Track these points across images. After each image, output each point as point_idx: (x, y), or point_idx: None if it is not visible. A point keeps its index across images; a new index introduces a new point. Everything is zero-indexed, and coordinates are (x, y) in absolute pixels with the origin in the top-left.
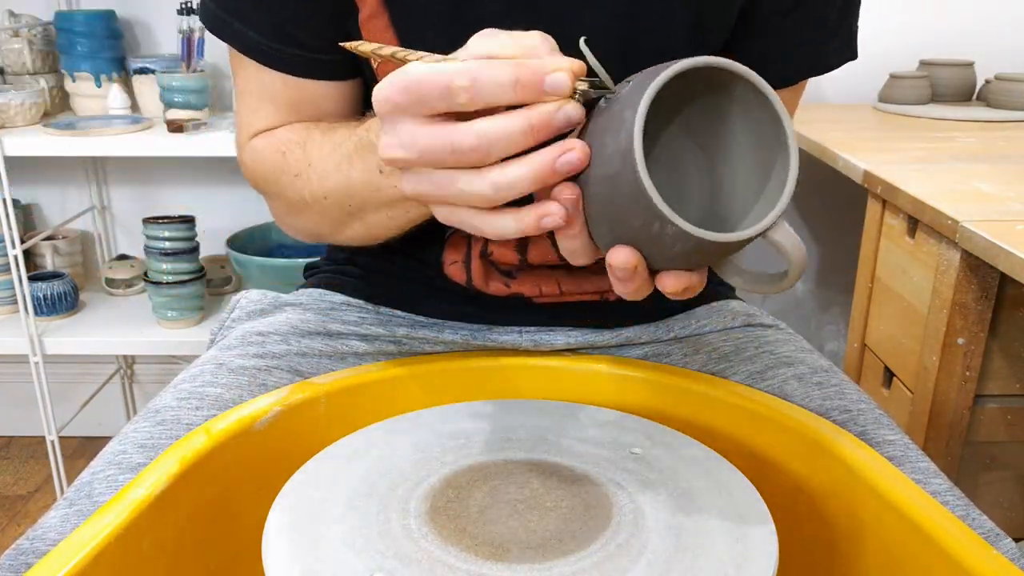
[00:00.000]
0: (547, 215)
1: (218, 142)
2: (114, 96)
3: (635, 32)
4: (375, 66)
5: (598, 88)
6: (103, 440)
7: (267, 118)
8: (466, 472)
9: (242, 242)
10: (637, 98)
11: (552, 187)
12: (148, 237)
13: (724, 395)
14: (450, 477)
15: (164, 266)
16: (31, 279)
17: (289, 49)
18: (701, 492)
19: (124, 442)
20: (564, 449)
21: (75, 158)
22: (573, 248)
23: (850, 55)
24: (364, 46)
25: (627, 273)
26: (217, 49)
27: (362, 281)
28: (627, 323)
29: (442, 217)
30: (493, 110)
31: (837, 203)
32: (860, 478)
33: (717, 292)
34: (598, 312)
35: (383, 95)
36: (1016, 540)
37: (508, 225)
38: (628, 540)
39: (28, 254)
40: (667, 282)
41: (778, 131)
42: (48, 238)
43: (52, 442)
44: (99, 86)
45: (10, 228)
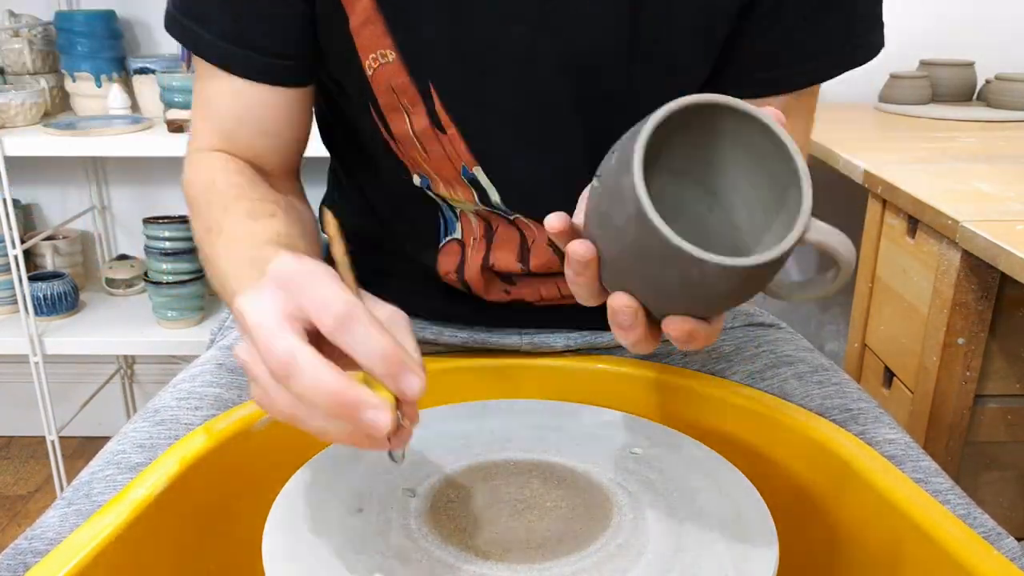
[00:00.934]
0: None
1: None
2: (114, 96)
3: (641, 21)
4: (370, 73)
5: None
6: (103, 440)
7: (210, 135)
8: (466, 472)
9: None
10: (627, 161)
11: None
12: (148, 237)
13: (724, 395)
14: (450, 477)
15: (164, 266)
16: (31, 279)
17: (243, 51)
18: (701, 492)
19: (123, 442)
20: (564, 449)
21: (75, 158)
22: (588, 296)
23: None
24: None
25: (685, 335)
26: None
27: (361, 283)
28: None
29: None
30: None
31: (837, 203)
32: (860, 478)
33: None
34: (598, 314)
35: (238, 311)
36: (1017, 540)
37: (335, 436)
38: (628, 540)
39: (28, 254)
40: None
41: (774, 143)
42: (48, 238)
43: (52, 442)
44: (99, 86)
45: (10, 228)
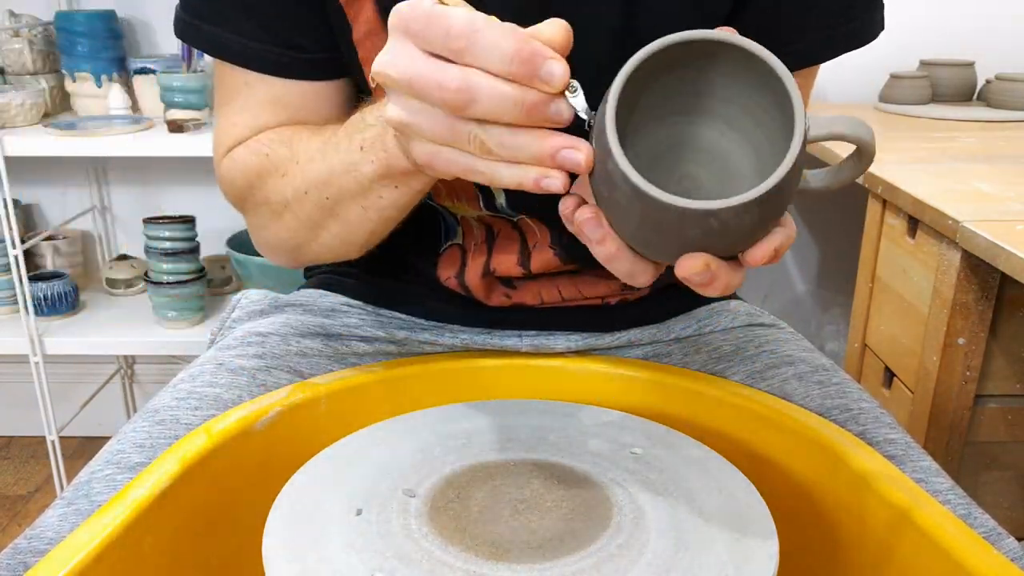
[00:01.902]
0: (548, 177)
1: None
2: (114, 96)
3: (638, 11)
4: (373, 84)
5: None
6: (103, 440)
7: (246, 125)
8: (466, 472)
9: (242, 242)
10: (602, 114)
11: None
12: (148, 237)
13: (724, 395)
14: (450, 477)
15: (164, 266)
16: (31, 279)
17: (274, 48)
18: (701, 492)
19: (123, 442)
20: (564, 449)
21: (76, 158)
22: (630, 271)
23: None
24: None
25: (707, 276)
26: None
27: (362, 283)
28: (628, 326)
29: (423, 155)
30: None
31: (837, 203)
32: (861, 478)
33: None
34: (599, 316)
35: (401, 11)
36: (1017, 540)
37: (507, 173)
38: (628, 540)
39: (29, 254)
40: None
41: (766, 73)
42: (49, 238)
43: (52, 442)
44: (99, 86)
45: (11, 228)
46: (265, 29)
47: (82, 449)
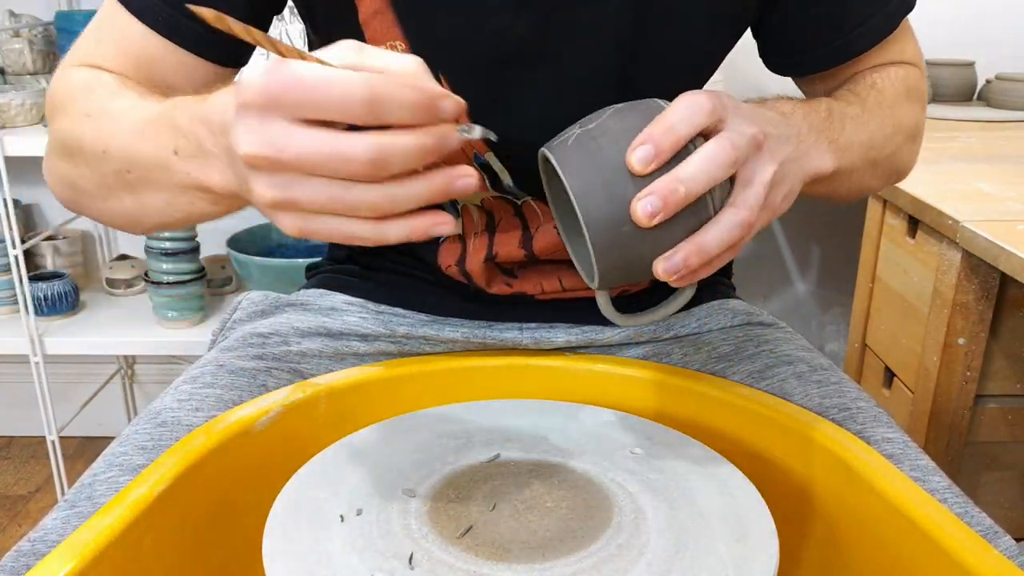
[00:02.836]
0: (440, 223)
1: None
2: None
3: (648, 6)
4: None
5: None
6: (103, 440)
7: (104, 57)
8: (466, 472)
9: (242, 242)
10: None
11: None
12: (149, 237)
13: (724, 395)
14: (450, 477)
15: (164, 266)
16: (32, 279)
17: (172, 11)
18: (701, 492)
19: (125, 444)
20: (564, 449)
21: None
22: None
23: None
24: (235, 24)
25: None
26: None
27: (362, 280)
28: None
29: (297, 224)
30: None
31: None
32: (859, 477)
33: (717, 291)
34: (599, 310)
35: (259, 84)
36: (1017, 540)
37: (394, 232)
38: (629, 540)
39: (29, 254)
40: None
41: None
42: (49, 238)
43: (52, 442)
44: None
45: (11, 228)
46: None
47: (82, 449)
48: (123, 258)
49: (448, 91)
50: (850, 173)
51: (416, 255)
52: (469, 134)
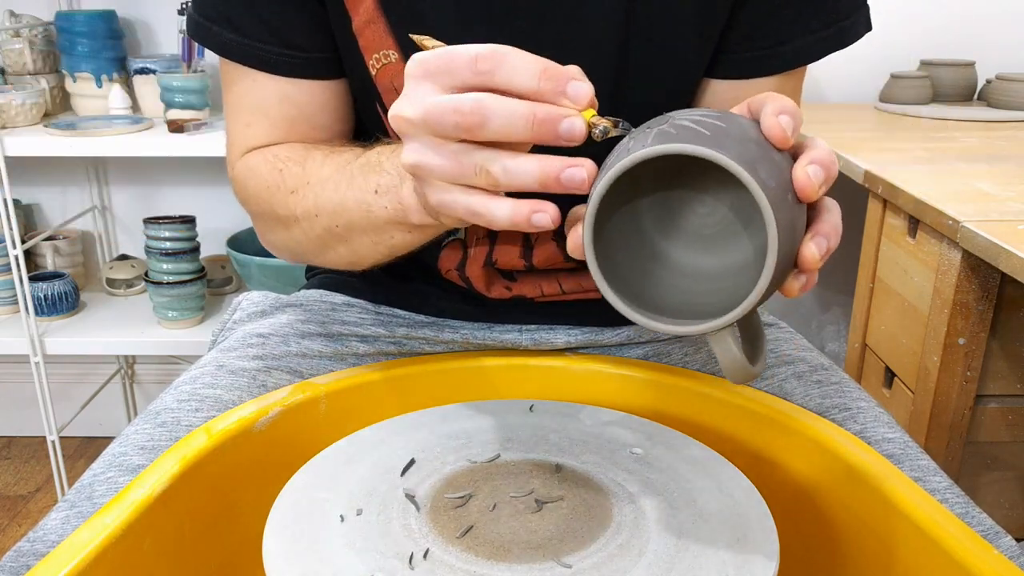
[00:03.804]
0: (541, 211)
1: (218, 142)
2: (115, 96)
3: (638, 17)
4: (373, 73)
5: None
6: (104, 440)
7: (261, 134)
8: (466, 472)
9: (242, 242)
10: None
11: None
12: (149, 237)
13: (724, 395)
14: (450, 477)
15: (165, 266)
16: (32, 279)
17: (278, 49)
18: (702, 492)
19: (124, 444)
20: (564, 449)
21: (76, 158)
22: None
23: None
24: (428, 41)
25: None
26: None
27: (363, 281)
28: (628, 322)
29: (435, 198)
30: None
31: (838, 203)
32: (860, 477)
33: None
34: (599, 311)
35: (420, 58)
36: (1017, 540)
37: (503, 211)
38: (629, 540)
39: (29, 254)
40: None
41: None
42: (49, 238)
43: (53, 442)
44: (100, 86)
45: (11, 228)
46: (268, 30)
47: (83, 449)
48: (123, 258)
49: (583, 76)
50: None
51: (416, 258)
52: (598, 131)
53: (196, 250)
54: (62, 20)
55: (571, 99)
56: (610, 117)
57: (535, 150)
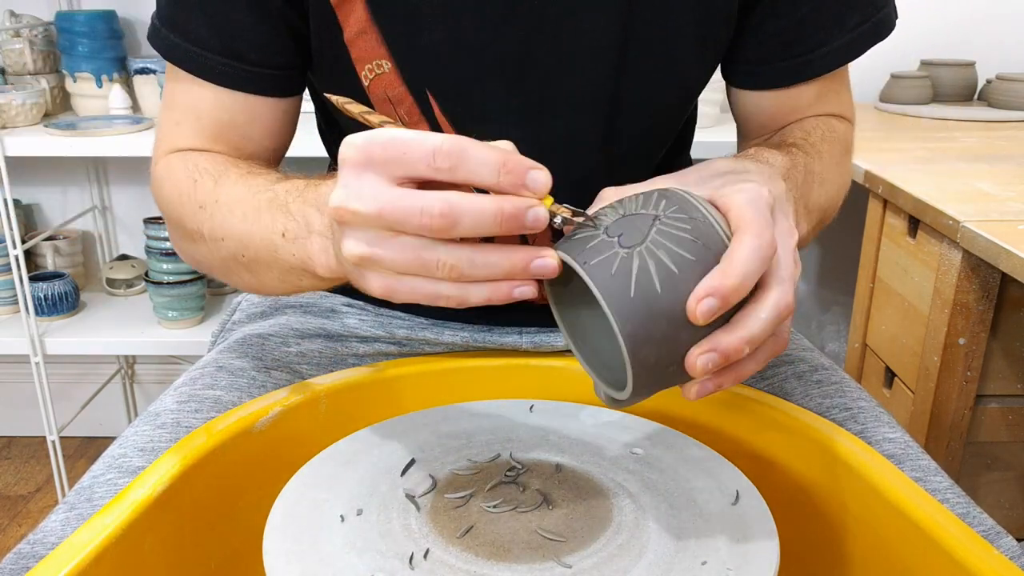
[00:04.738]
0: (521, 286)
1: None
2: (115, 96)
3: (635, 24)
4: (366, 84)
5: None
6: (104, 440)
7: (188, 135)
8: (466, 472)
9: None
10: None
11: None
12: (149, 237)
13: (724, 395)
14: (450, 477)
15: (165, 266)
16: (32, 279)
17: (222, 59)
18: (702, 492)
19: (124, 445)
20: (565, 449)
21: (76, 158)
22: None
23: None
24: (352, 106)
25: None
26: None
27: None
28: None
29: (383, 284)
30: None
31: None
32: (860, 477)
33: None
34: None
35: (359, 143)
36: (1018, 540)
37: (479, 295)
38: (629, 540)
39: (29, 254)
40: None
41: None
42: (49, 238)
43: (53, 442)
44: (100, 86)
45: (11, 228)
46: (218, 39)
47: (83, 449)
48: (123, 258)
49: (539, 164)
50: (807, 237)
51: None
52: (557, 219)
53: None
54: (62, 20)
55: (531, 190)
56: (567, 206)
57: None
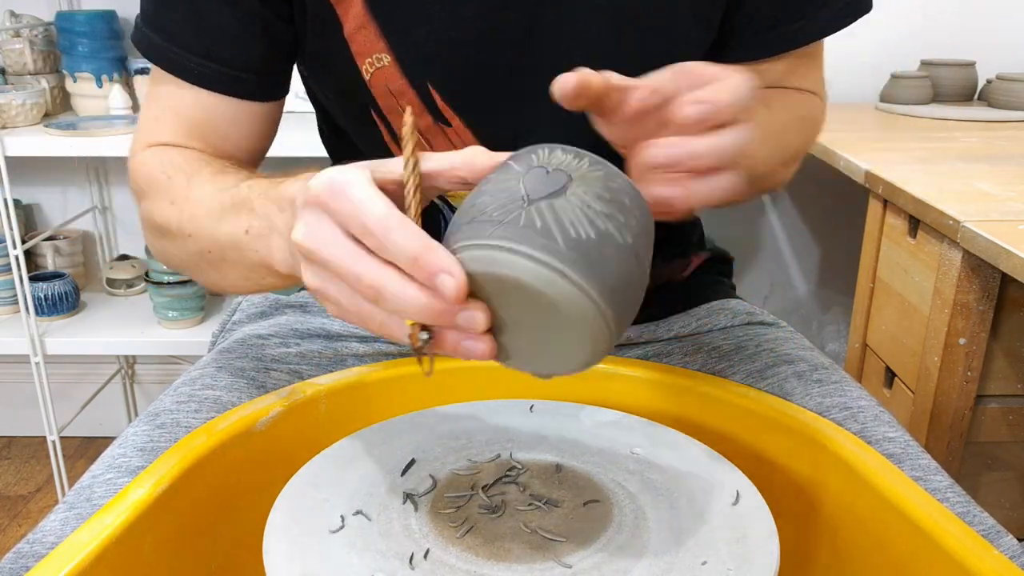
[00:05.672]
0: (469, 345)
1: None
2: (115, 96)
3: (633, 7)
4: (367, 77)
5: None
6: (104, 440)
7: (167, 130)
8: (466, 472)
9: None
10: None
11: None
12: None
13: (724, 395)
14: (450, 477)
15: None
16: (32, 279)
17: (208, 63)
18: (702, 492)
19: (124, 445)
20: (565, 449)
21: (76, 158)
22: None
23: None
24: (406, 127)
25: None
26: None
27: None
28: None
29: (338, 312)
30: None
31: (838, 203)
32: (860, 476)
33: (717, 291)
34: None
35: (322, 186)
36: (1018, 540)
37: (413, 340)
38: (629, 540)
39: (29, 254)
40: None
41: None
42: (49, 238)
43: (53, 442)
44: (100, 86)
45: (11, 228)
46: (199, 42)
47: (83, 449)
48: (123, 258)
49: (451, 266)
50: (752, 167)
51: None
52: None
53: None
54: (62, 20)
55: (440, 291)
56: None
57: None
